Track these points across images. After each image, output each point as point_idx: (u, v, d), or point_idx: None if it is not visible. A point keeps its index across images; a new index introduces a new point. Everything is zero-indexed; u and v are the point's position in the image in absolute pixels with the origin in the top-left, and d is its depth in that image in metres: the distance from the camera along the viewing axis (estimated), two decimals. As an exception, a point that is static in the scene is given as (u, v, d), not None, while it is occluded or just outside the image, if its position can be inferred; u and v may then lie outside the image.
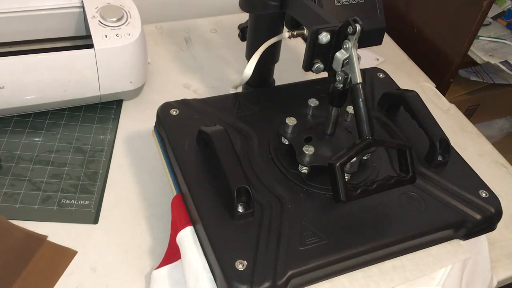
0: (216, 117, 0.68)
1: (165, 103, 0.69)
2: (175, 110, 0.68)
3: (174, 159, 0.63)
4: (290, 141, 0.64)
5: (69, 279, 0.59)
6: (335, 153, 0.55)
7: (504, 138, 1.33)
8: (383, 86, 0.79)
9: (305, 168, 0.62)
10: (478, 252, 0.62)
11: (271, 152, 0.65)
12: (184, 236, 0.56)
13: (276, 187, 0.61)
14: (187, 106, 0.69)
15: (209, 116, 0.68)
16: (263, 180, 0.61)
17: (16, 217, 0.63)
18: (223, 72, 0.91)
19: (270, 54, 0.73)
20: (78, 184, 0.68)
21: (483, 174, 0.67)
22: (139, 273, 0.60)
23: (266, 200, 0.59)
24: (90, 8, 0.75)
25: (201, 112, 0.69)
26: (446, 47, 0.95)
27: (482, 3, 0.90)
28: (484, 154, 0.83)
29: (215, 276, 0.53)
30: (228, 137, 0.60)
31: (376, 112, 0.74)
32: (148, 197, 0.69)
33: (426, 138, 0.67)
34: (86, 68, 0.72)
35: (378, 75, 0.81)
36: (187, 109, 0.69)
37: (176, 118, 0.67)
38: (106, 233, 0.64)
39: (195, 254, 0.54)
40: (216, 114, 0.69)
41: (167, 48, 0.94)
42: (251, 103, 0.72)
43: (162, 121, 0.67)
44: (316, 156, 0.61)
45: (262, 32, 0.70)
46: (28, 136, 0.73)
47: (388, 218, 0.60)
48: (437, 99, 0.93)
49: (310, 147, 0.61)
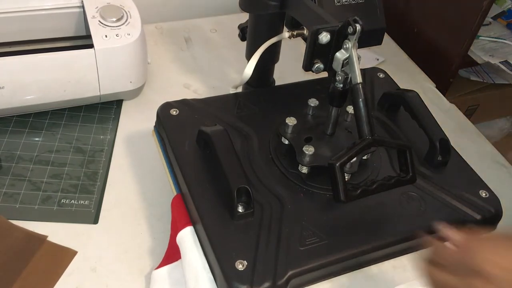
0: (216, 117, 0.68)
1: (165, 103, 0.69)
2: (175, 110, 0.68)
3: (174, 159, 0.63)
4: (290, 141, 0.64)
5: (69, 279, 0.59)
6: (335, 153, 0.55)
7: (504, 138, 1.33)
8: (383, 86, 0.79)
9: (305, 168, 0.62)
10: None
11: (271, 152, 0.65)
12: (184, 236, 0.56)
13: (276, 187, 0.61)
14: (187, 106, 0.69)
15: (209, 116, 0.68)
16: (263, 180, 0.61)
17: (16, 217, 0.63)
18: (223, 72, 0.91)
19: (270, 54, 0.73)
20: (78, 184, 0.68)
21: (483, 174, 0.68)
22: (139, 273, 0.60)
23: (266, 200, 0.59)
24: (90, 8, 0.75)
25: (201, 112, 0.69)
26: (446, 47, 0.95)
27: (482, 3, 0.90)
28: (484, 154, 0.83)
29: (215, 276, 0.53)
30: (228, 137, 0.60)
31: (376, 112, 0.74)
32: (148, 197, 0.69)
33: (426, 138, 0.67)
34: (86, 68, 0.72)
35: (378, 75, 0.81)
36: (187, 109, 0.69)
37: (176, 118, 0.67)
38: (106, 233, 0.64)
39: (195, 254, 0.54)
40: (216, 114, 0.69)
41: (167, 48, 0.94)
42: (251, 103, 0.72)
43: (162, 121, 0.67)
44: (316, 156, 0.61)
45: (262, 32, 0.70)
46: (28, 136, 0.73)
47: (388, 218, 0.60)
48: (437, 99, 0.93)
49: (310, 147, 0.61)
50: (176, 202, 0.60)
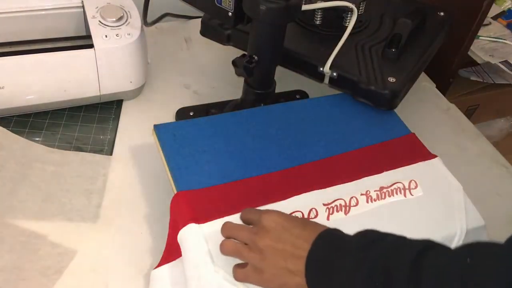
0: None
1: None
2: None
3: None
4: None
5: (69, 279, 0.59)
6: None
7: (504, 138, 1.33)
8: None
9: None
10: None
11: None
12: (186, 233, 0.56)
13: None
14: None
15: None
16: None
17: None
18: (223, 72, 0.90)
19: (273, 55, 0.72)
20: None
21: (483, 174, 0.67)
22: (139, 273, 0.60)
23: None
24: (90, 8, 0.75)
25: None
26: (446, 47, 0.95)
27: (482, 3, 0.90)
28: (484, 154, 0.83)
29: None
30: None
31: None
32: (148, 196, 0.69)
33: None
34: (86, 68, 0.72)
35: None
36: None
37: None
38: (106, 232, 0.64)
39: (197, 252, 0.54)
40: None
41: (167, 48, 0.94)
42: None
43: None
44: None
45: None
46: (28, 136, 0.73)
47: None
48: (437, 99, 0.93)
49: None
50: (177, 200, 0.60)
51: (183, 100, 0.83)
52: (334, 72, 0.72)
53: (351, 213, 0.59)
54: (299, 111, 0.71)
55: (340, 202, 0.59)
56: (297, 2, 0.63)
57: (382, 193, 0.61)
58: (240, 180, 0.61)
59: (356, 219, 0.59)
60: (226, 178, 0.62)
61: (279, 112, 0.71)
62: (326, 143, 0.67)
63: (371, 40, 0.79)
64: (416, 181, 0.63)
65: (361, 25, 0.81)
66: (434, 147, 0.69)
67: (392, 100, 0.71)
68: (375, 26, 0.82)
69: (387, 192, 0.61)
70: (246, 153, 0.65)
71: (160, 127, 0.67)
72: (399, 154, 0.67)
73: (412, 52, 0.77)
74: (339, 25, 0.79)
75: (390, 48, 0.75)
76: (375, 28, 0.81)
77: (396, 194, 0.62)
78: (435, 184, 0.64)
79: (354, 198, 0.60)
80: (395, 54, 0.75)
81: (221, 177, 0.62)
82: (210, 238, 0.55)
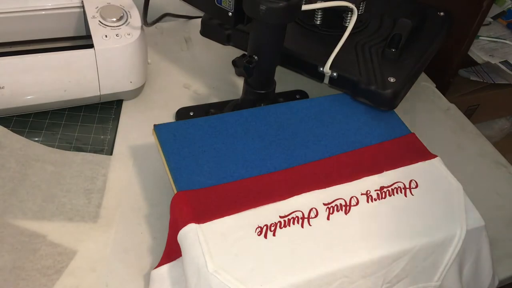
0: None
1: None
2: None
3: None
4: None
5: (69, 279, 0.59)
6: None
7: (504, 138, 1.33)
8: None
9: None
10: (479, 250, 0.62)
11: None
12: (186, 233, 0.56)
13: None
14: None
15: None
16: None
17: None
18: (223, 72, 0.91)
19: (273, 55, 0.72)
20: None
21: (483, 174, 0.67)
22: (139, 273, 0.60)
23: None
24: (90, 8, 0.75)
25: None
26: (446, 47, 0.95)
27: (482, 3, 0.90)
28: (484, 154, 0.83)
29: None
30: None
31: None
32: (148, 196, 0.69)
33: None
34: (86, 68, 0.72)
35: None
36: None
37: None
38: (105, 232, 0.64)
39: (197, 252, 0.54)
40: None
41: (167, 48, 0.94)
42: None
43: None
44: None
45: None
46: (28, 136, 0.73)
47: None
48: (437, 99, 0.93)
49: None
50: (177, 200, 0.60)
51: (183, 100, 0.83)
52: (334, 72, 0.72)
53: (352, 213, 0.59)
54: (299, 111, 0.71)
55: (340, 202, 0.59)
56: (297, 2, 0.63)
57: (383, 192, 0.61)
58: (240, 180, 0.61)
59: (356, 219, 0.59)
60: (226, 178, 0.62)
61: (279, 112, 0.71)
62: (326, 143, 0.67)
63: (371, 40, 0.79)
64: (416, 180, 0.63)
65: (361, 25, 0.81)
66: (434, 147, 0.69)
67: (392, 100, 0.71)
68: (375, 26, 0.82)
69: (388, 192, 0.62)
70: (246, 153, 0.65)
71: (160, 127, 0.67)
72: (399, 154, 0.67)
73: (412, 52, 0.77)
74: (339, 25, 0.79)
75: (390, 48, 0.75)
76: (375, 28, 0.81)
77: (396, 194, 0.62)
78: (435, 184, 0.64)
79: (354, 197, 0.60)
80: (395, 54, 0.75)
81: (221, 177, 0.62)
82: (210, 238, 0.55)
